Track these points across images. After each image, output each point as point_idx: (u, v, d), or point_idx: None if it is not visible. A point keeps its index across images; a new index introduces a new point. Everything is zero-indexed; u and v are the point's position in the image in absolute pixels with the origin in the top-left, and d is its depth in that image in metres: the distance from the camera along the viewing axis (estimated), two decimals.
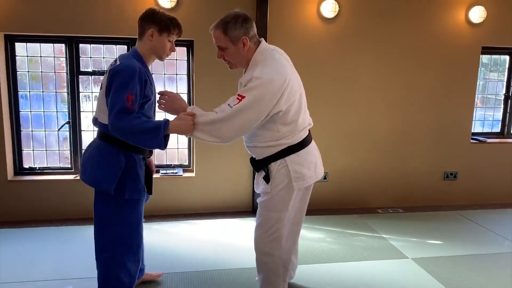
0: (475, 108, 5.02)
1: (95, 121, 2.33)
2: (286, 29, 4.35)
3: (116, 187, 2.21)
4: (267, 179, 2.30)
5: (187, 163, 4.61)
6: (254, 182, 2.45)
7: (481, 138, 5.11)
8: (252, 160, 2.40)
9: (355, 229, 4.12)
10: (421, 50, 4.69)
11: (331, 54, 4.51)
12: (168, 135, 2.16)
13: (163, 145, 2.13)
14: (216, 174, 4.49)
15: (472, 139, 5.07)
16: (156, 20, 2.29)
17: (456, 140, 4.96)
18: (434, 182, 5.00)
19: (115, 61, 2.29)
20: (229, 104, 2.10)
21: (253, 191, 4.57)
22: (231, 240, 3.78)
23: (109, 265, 2.31)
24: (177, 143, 4.55)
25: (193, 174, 4.48)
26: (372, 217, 4.52)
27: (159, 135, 2.09)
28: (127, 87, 2.12)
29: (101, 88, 2.30)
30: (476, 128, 5.24)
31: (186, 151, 4.59)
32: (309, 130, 2.40)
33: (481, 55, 4.85)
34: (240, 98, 2.06)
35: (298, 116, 2.22)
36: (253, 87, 2.07)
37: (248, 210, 4.62)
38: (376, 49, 4.59)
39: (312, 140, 2.41)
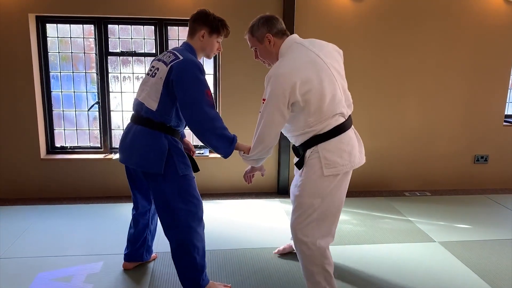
0: (509, 90, 4.87)
1: (141, 105, 2.39)
2: (314, 8, 4.28)
3: (168, 167, 2.35)
4: (298, 165, 2.39)
5: None
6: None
7: None
8: (293, 146, 2.52)
9: (381, 212, 4.10)
10: (453, 29, 4.54)
11: (359, 35, 4.42)
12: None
13: (228, 156, 2.40)
14: None
15: (505, 121, 4.93)
16: (208, 23, 2.43)
17: (488, 123, 4.82)
18: (463, 165, 4.89)
19: (173, 54, 2.34)
20: (259, 112, 2.28)
21: (279, 172, 4.58)
22: (255, 220, 3.82)
23: (181, 236, 2.45)
24: None
25: (219, 155, 4.51)
26: (398, 200, 4.48)
27: (231, 147, 2.37)
28: (202, 83, 2.29)
29: (152, 76, 2.37)
30: (510, 110, 5.08)
31: None
32: (347, 118, 2.36)
33: None
34: (263, 101, 2.25)
35: (322, 104, 2.24)
36: (268, 85, 2.24)
37: (273, 191, 4.64)
38: (405, 29, 4.47)
39: (351, 129, 2.39)
